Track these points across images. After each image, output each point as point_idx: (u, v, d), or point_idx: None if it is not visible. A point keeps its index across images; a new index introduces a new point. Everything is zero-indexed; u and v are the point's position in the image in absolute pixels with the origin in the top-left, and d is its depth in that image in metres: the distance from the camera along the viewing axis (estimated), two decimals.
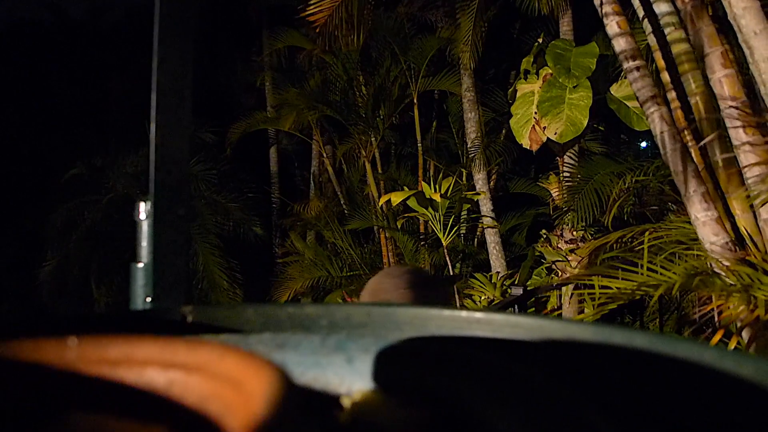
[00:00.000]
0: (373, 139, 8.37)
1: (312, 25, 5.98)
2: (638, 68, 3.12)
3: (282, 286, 8.01)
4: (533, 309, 3.99)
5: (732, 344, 2.57)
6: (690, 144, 3.02)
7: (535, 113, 5.98)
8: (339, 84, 8.52)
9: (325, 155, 9.75)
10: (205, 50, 10.04)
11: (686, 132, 3.02)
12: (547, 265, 5.90)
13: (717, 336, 2.58)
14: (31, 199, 9.47)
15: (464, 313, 0.64)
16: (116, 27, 12.13)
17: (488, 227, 7.24)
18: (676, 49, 2.98)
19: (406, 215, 7.35)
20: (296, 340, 0.48)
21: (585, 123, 5.73)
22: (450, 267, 6.43)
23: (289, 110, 8.83)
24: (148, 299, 0.67)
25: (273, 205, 10.63)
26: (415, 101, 8.07)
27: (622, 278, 2.95)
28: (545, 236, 5.77)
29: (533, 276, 6.22)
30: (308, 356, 0.46)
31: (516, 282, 5.92)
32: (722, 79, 2.85)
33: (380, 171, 8.54)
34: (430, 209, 5.59)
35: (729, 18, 2.72)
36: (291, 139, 10.82)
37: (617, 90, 5.87)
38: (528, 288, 4.26)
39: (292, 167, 11.51)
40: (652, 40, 3.16)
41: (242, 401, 0.23)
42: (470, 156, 7.34)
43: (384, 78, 8.32)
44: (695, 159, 2.99)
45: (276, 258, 9.92)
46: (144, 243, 0.66)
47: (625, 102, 5.78)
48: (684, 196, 2.97)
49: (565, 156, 6.31)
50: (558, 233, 5.71)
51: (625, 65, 3.17)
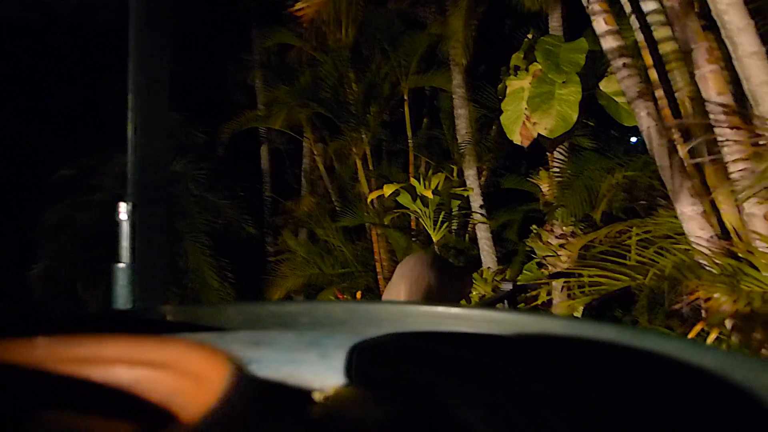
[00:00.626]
0: (364, 136, 8.36)
1: (300, 20, 5.96)
2: (626, 65, 3.14)
3: (275, 285, 7.99)
4: (523, 304, 4.01)
5: (713, 335, 2.61)
6: (677, 140, 3.05)
7: (526, 109, 5.99)
8: (329, 81, 8.50)
9: (317, 153, 9.73)
10: (195, 49, 9.98)
11: (673, 129, 3.04)
12: (538, 261, 5.93)
13: (698, 326, 2.63)
14: (22, 200, 9.40)
15: (441, 309, 0.65)
16: (108, 26, 12.03)
17: (479, 223, 7.27)
18: (663, 47, 3.01)
19: (397, 211, 7.35)
20: (272, 337, 0.49)
21: (575, 118, 5.75)
22: None
23: (280, 108, 8.80)
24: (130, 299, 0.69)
25: (265, 204, 10.61)
26: (406, 98, 8.07)
27: (612, 270, 2.98)
28: (536, 231, 5.79)
29: (524, 271, 6.24)
30: (283, 353, 0.47)
31: (506, 277, 5.94)
32: (707, 75, 2.88)
33: (371, 168, 8.54)
34: (421, 205, 5.59)
35: (713, 15, 2.74)
36: (282, 137, 10.78)
37: (606, 86, 5.89)
38: (518, 283, 4.28)
39: (284, 165, 11.48)
40: (640, 37, 3.18)
41: (202, 395, 0.24)
42: (461, 152, 7.36)
43: (374, 75, 8.30)
44: (682, 155, 3.02)
45: (268, 256, 9.89)
46: (125, 243, 0.67)
47: (614, 98, 5.81)
48: (671, 191, 3.00)
49: (556, 152, 6.33)
50: (548, 228, 5.74)
51: (613, 63, 3.19)
